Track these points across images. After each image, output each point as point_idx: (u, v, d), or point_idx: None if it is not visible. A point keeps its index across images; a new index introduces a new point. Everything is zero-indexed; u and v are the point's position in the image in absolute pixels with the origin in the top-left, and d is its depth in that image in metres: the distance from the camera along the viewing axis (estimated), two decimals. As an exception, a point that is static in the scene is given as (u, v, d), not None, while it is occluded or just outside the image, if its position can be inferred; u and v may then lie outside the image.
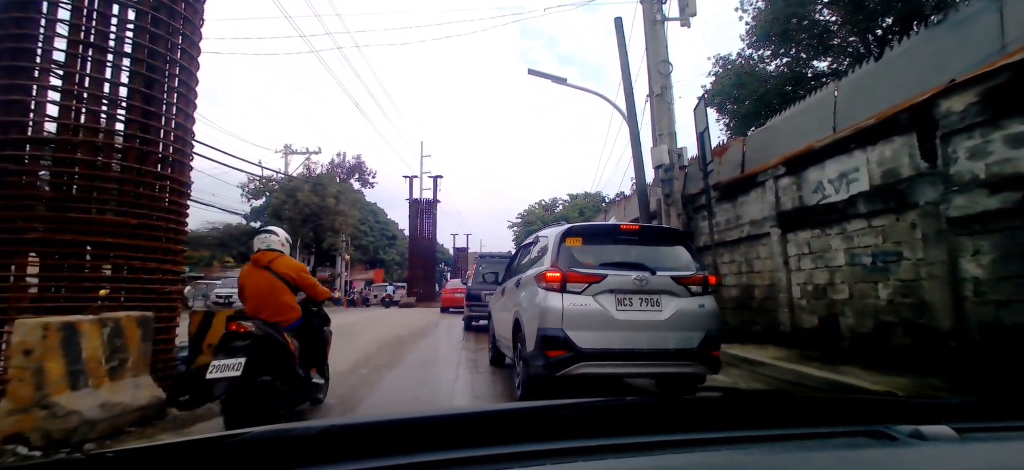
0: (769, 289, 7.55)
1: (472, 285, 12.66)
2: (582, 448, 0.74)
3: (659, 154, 9.53)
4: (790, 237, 7.05)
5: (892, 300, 5.53)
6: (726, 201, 8.55)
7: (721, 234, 8.64)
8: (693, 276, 4.07)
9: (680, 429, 0.85)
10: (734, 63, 22.40)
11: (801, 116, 7.40)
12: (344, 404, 4.60)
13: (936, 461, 0.74)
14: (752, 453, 0.79)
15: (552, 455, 0.72)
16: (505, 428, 0.86)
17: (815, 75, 20.98)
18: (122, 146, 4.08)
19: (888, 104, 5.68)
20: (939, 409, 1.01)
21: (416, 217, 33.74)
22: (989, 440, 0.82)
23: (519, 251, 6.14)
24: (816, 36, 20.16)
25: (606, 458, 0.72)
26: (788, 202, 7.03)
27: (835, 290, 6.30)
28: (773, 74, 21.63)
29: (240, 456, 0.73)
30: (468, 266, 36.58)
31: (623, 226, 4.51)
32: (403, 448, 0.73)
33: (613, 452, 0.74)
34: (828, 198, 6.34)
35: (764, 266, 7.67)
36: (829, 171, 6.32)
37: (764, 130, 8.51)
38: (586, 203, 40.88)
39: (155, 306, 4.16)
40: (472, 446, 0.73)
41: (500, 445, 0.74)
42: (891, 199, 5.47)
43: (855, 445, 0.80)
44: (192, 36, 4.49)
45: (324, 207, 28.56)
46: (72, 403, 3.14)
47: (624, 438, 0.77)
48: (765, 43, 21.25)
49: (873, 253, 5.73)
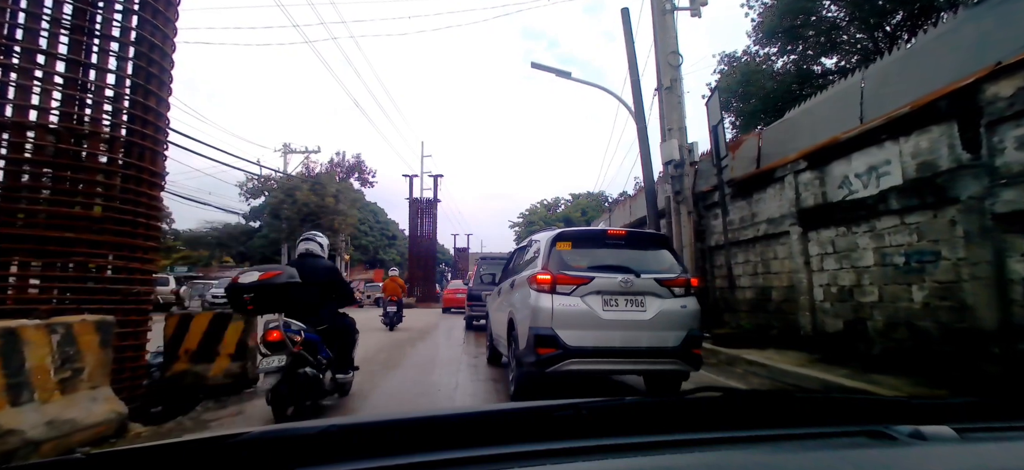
0: (788, 291, 7.12)
1: (473, 286, 12.83)
2: (582, 448, 0.74)
3: (669, 149, 9.10)
4: (812, 236, 6.61)
5: (928, 303, 5.09)
6: (741, 198, 8.12)
7: (735, 233, 8.21)
8: (676, 278, 4.23)
9: (680, 429, 0.84)
10: (740, 61, 22.17)
11: (823, 107, 6.96)
12: (345, 407, 4.29)
13: (936, 461, 0.74)
14: (752, 453, 0.79)
15: (552, 455, 0.73)
16: (505, 428, 0.85)
17: (823, 73, 20.69)
18: (86, 131, 3.67)
19: (922, 92, 5.25)
20: (939, 409, 1.00)
21: (416, 216, 33.27)
22: (989, 440, 0.82)
23: (514, 253, 6.31)
24: (823, 33, 19.84)
25: (606, 458, 0.73)
26: (810, 198, 6.60)
27: (862, 292, 5.87)
28: (780, 72, 21.38)
29: (240, 456, 0.73)
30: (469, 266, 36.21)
31: (610, 231, 4.68)
32: (403, 448, 0.73)
33: (613, 452, 0.74)
34: (855, 193, 5.91)
35: (782, 266, 7.24)
36: (856, 164, 5.89)
37: (781, 123, 8.07)
38: (588, 203, 40.42)
39: (120, 308, 3.74)
40: (472, 446, 0.73)
41: (500, 445, 0.74)
42: (928, 194, 5.04)
43: (855, 445, 0.80)
44: (165, 12, 4.08)
45: (323, 206, 28.25)
46: (12, 421, 2.73)
47: (624, 438, 0.77)
48: (771, 40, 21.01)
49: (907, 252, 5.30)
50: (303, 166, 30.55)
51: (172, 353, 4.56)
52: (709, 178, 9.48)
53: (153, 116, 4.04)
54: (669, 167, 9.17)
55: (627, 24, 10.51)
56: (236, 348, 4.64)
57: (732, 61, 22.43)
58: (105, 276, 3.71)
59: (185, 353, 4.55)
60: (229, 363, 4.60)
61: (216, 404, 4.29)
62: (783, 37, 20.19)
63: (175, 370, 4.52)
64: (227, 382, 4.55)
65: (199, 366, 4.54)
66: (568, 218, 40.04)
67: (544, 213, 45.20)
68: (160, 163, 4.15)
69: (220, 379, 4.54)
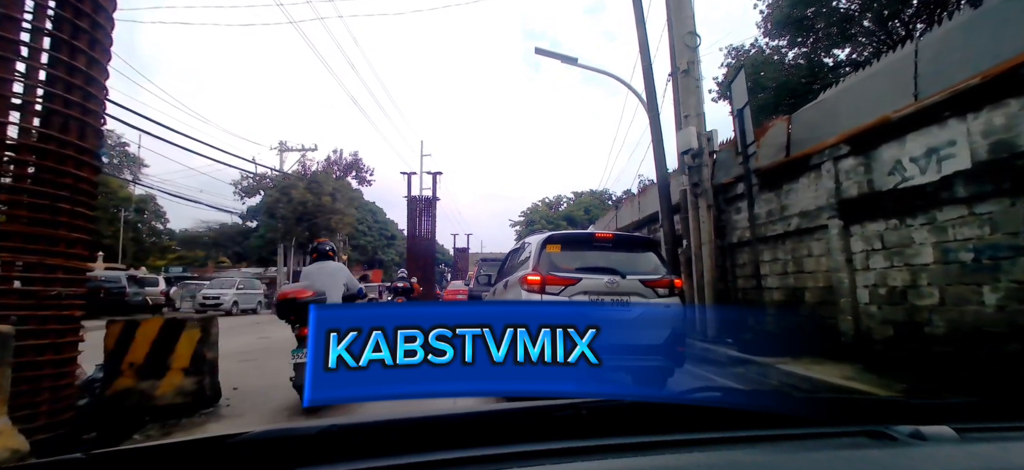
0: (825, 292, 6.37)
1: (474, 287, 13.19)
2: (582, 448, 0.74)
3: (686, 138, 8.35)
4: (855, 230, 5.86)
5: (1004, 306, 4.35)
6: (768, 189, 7.37)
7: (761, 228, 7.46)
8: (660, 280, 4.36)
9: (680, 429, 0.83)
10: (748, 54, 21.65)
11: (866, 85, 6.22)
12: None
13: (936, 461, 0.73)
14: (752, 453, 0.78)
15: (552, 455, 0.72)
16: (505, 428, 0.84)
17: (835, 65, 20.08)
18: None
19: (991, 62, 4.51)
20: (939, 409, 0.99)
21: (414, 215, 32.47)
22: (989, 440, 0.81)
23: (509, 255, 6.50)
24: (835, 24, 19.19)
25: (606, 458, 0.72)
26: (853, 188, 5.85)
27: (919, 293, 5.12)
28: (790, 64, 20.82)
29: (240, 456, 0.72)
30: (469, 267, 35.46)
31: (598, 234, 4.85)
32: (403, 448, 0.72)
33: (613, 452, 0.74)
34: (910, 180, 5.16)
35: (818, 265, 6.49)
36: (912, 147, 5.15)
37: (815, 106, 7.32)
38: (591, 201, 39.59)
39: (35, 315, 3.01)
40: (472, 446, 0.72)
41: (500, 445, 0.74)
42: (1004, 178, 4.30)
43: (855, 445, 0.79)
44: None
45: (320, 206, 27.52)
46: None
47: (624, 438, 0.77)
48: (781, 32, 20.45)
49: (976, 247, 4.56)
50: (299, 164, 29.80)
51: (114, 368, 3.81)
52: (728, 170, 8.73)
53: (82, 79, 3.29)
54: (686, 157, 8.41)
55: (638, 2, 9.78)
56: (191, 361, 3.90)
57: (739, 54, 21.98)
58: (12, 274, 2.96)
59: (129, 367, 3.81)
60: (182, 379, 3.86)
61: (161, 430, 3.55)
62: (793, 29, 19.60)
63: (117, 388, 3.77)
64: (179, 401, 3.80)
65: (146, 383, 3.79)
66: (570, 217, 39.23)
67: (545, 211, 44.34)
68: (91, 138, 3.41)
69: (170, 398, 3.80)
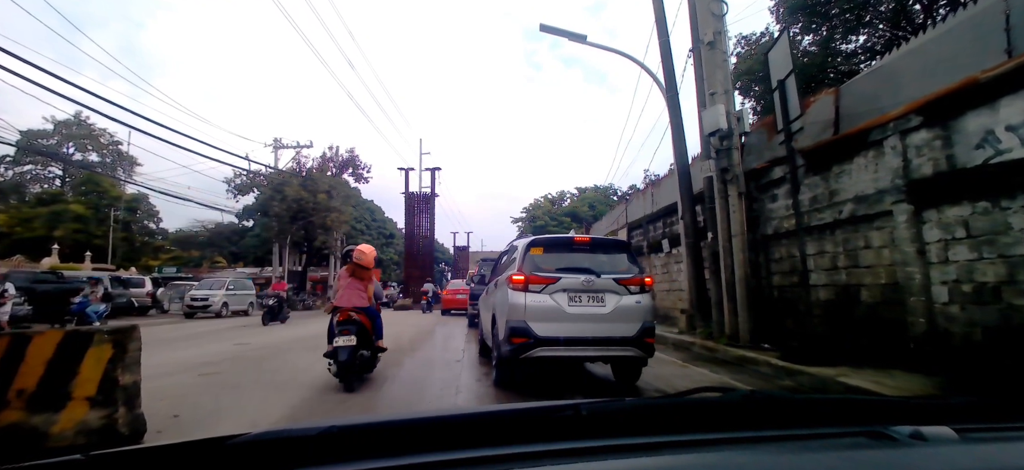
0: (887, 290, 5.41)
1: (474, 287, 13.47)
2: (583, 449, 0.74)
3: (713, 117, 7.37)
4: (928, 216, 4.91)
5: None
6: (813, 173, 6.40)
7: (804, 217, 6.50)
8: (632, 278, 4.70)
9: (680, 429, 0.84)
10: (760, 42, 20.83)
11: (938, 45, 5.26)
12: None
13: (936, 461, 0.73)
14: (752, 453, 0.78)
15: (553, 456, 0.72)
16: (506, 429, 0.84)
17: (851, 53, 19.21)
18: None
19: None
20: (939, 410, 0.99)
21: (412, 212, 31.49)
22: (989, 440, 0.81)
23: (501, 257, 6.99)
24: (850, 10, 18.30)
25: (606, 458, 0.72)
26: (927, 166, 4.89)
27: (1016, 290, 4.18)
28: (804, 52, 19.94)
29: (240, 457, 0.72)
30: (469, 266, 34.53)
31: (576, 238, 5.14)
32: (404, 448, 0.72)
33: (613, 452, 0.74)
34: (1006, 154, 4.21)
35: (879, 258, 5.53)
36: (1007, 113, 4.20)
37: (870, 74, 6.37)
38: (595, 197, 38.57)
39: None
40: (473, 447, 0.73)
41: (501, 446, 0.74)
42: None
43: (855, 446, 0.79)
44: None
45: (315, 203, 26.50)
46: None
47: (624, 439, 0.77)
48: (794, 19, 19.56)
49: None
50: (294, 162, 28.83)
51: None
52: (760, 154, 7.78)
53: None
54: (713, 139, 7.44)
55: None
56: (99, 388, 2.96)
57: (751, 42, 21.19)
58: None
59: (18, 396, 2.87)
60: (87, 411, 2.92)
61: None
62: (807, 16, 18.73)
63: (0, 423, 2.84)
64: (82, 442, 2.86)
65: (38, 417, 2.85)
66: (574, 213, 38.22)
67: (548, 208, 43.29)
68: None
69: (71, 437, 2.86)
